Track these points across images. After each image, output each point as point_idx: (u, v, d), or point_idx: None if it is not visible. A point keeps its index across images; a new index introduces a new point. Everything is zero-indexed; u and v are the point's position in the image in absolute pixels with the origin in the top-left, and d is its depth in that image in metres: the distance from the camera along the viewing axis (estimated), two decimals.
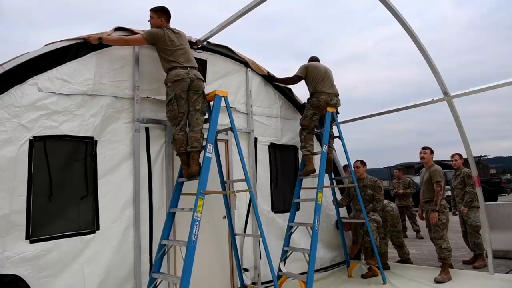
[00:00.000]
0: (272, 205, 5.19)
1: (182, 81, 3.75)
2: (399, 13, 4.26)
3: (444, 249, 5.01)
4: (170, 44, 3.84)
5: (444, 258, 5.01)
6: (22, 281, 3.03)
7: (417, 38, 4.51)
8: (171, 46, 3.85)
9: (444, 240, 5.07)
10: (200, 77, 3.90)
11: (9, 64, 3.21)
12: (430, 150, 5.50)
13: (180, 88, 3.76)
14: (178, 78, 3.75)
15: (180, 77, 3.76)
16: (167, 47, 3.84)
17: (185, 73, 3.78)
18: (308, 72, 5.15)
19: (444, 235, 5.09)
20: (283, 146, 5.50)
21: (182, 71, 3.79)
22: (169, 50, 3.85)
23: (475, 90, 4.83)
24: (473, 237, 5.72)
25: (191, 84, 3.81)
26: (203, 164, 3.64)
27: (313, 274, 4.38)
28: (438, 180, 5.13)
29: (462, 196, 5.92)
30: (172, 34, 3.92)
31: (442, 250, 5.02)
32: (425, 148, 5.53)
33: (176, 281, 3.33)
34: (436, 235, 5.16)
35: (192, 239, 3.35)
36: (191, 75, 3.81)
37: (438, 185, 5.11)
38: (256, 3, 3.89)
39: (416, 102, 5.52)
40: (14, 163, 3.14)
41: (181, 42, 3.94)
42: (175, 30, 4.01)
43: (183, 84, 3.76)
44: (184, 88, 3.77)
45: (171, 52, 3.84)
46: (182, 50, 3.89)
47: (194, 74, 3.85)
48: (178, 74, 3.77)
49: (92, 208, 3.54)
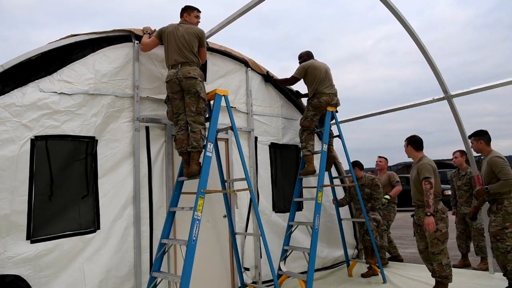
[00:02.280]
0: (273, 204, 5.20)
1: (170, 83, 3.75)
2: (400, 12, 4.26)
3: (445, 265, 4.04)
4: (167, 41, 3.85)
5: (446, 277, 4.05)
6: (23, 281, 3.04)
7: (418, 37, 4.51)
8: (167, 43, 3.85)
9: (444, 255, 4.06)
10: (190, 75, 3.67)
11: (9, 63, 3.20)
12: (406, 142, 4.44)
13: (170, 90, 3.78)
14: (167, 80, 3.78)
15: (168, 78, 3.77)
16: (164, 45, 3.89)
17: (173, 73, 3.73)
18: (308, 73, 5.07)
19: (444, 249, 4.06)
20: (283, 146, 5.50)
21: (171, 71, 3.78)
22: (164, 48, 3.89)
23: (475, 89, 4.83)
24: (478, 240, 5.50)
25: (181, 84, 3.71)
26: (203, 163, 3.65)
27: (313, 273, 4.39)
28: (426, 176, 4.08)
29: (467, 198, 5.62)
30: (169, 27, 3.88)
31: (443, 267, 4.04)
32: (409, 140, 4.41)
33: (176, 280, 3.33)
34: (435, 249, 4.06)
35: (193, 238, 3.35)
36: (179, 75, 3.69)
37: (427, 181, 4.05)
38: (256, 2, 3.89)
39: (416, 101, 5.52)
40: (15, 163, 3.14)
41: (173, 35, 3.80)
42: (183, 25, 3.92)
43: (173, 86, 3.74)
44: (174, 89, 3.74)
45: (166, 50, 3.87)
46: (175, 46, 3.78)
47: (183, 74, 3.68)
48: (168, 75, 3.80)
49: (92, 207, 3.54)
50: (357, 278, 5.32)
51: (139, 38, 4.01)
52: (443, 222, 4.07)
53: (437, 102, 5.21)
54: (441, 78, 4.86)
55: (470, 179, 5.55)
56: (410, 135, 4.44)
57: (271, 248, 4.26)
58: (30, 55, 3.30)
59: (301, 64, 5.22)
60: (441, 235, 4.04)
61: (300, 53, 5.43)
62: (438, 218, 4.05)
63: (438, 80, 4.89)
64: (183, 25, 3.92)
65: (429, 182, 4.04)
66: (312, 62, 5.18)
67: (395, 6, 4.18)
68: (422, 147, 4.36)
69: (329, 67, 5.24)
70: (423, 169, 4.14)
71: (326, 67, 5.20)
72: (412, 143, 4.36)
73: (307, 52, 5.38)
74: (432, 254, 4.11)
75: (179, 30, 3.84)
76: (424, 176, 4.09)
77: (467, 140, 5.03)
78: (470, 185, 5.57)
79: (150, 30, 4.07)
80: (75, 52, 3.59)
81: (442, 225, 4.05)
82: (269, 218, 5.05)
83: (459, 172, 5.84)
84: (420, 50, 4.64)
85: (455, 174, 5.95)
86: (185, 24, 3.93)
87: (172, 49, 3.79)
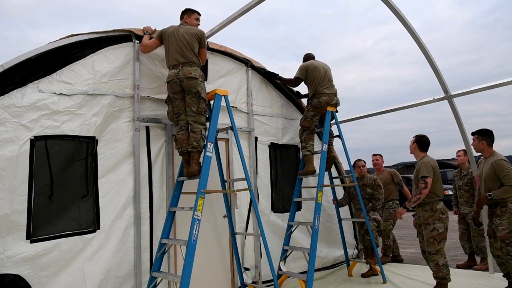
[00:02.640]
0: (272, 204, 5.20)
1: (171, 83, 3.76)
2: (400, 12, 4.25)
3: (441, 266, 4.05)
4: (167, 42, 3.86)
5: (443, 277, 4.07)
6: (23, 281, 3.04)
7: (418, 36, 4.51)
8: (167, 44, 3.86)
9: (441, 255, 4.06)
10: (191, 76, 3.70)
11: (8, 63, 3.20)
12: (413, 139, 4.48)
13: (171, 90, 3.79)
14: (169, 80, 3.78)
15: (169, 78, 3.78)
16: (165, 46, 3.90)
17: (174, 74, 3.74)
18: (308, 73, 5.08)
19: (441, 249, 4.06)
20: (283, 146, 5.50)
21: (172, 72, 3.78)
22: (165, 48, 3.90)
23: (476, 89, 4.82)
24: (477, 240, 5.46)
25: (182, 84, 3.73)
26: (203, 163, 3.65)
27: (313, 273, 4.39)
28: (423, 175, 4.08)
29: (467, 198, 5.59)
30: (170, 28, 3.90)
31: (440, 268, 4.06)
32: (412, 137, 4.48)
33: (176, 280, 3.33)
34: (431, 249, 4.07)
35: (192, 238, 3.35)
36: (180, 76, 3.71)
37: (422, 180, 4.06)
38: (256, 2, 3.89)
39: (416, 101, 5.51)
40: (15, 163, 3.14)
41: (176, 36, 3.81)
42: (184, 26, 3.94)
43: (173, 86, 3.75)
44: (175, 89, 3.76)
45: (167, 50, 3.87)
46: (176, 47, 3.79)
47: (184, 74, 3.70)
48: (168, 75, 3.81)
49: (92, 207, 3.54)
50: (357, 278, 5.32)
51: (139, 38, 4.01)
52: (441, 222, 4.06)
53: (437, 102, 5.21)
54: (442, 78, 4.85)
55: (471, 179, 5.53)
56: (420, 134, 4.45)
57: (271, 248, 4.25)
58: (30, 55, 3.30)
59: (301, 65, 5.23)
60: (437, 234, 4.04)
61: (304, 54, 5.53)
62: (436, 217, 4.07)
63: (438, 80, 4.88)
64: (184, 26, 3.93)
65: (424, 181, 4.04)
66: (312, 62, 5.19)
67: (396, 6, 4.18)
68: (427, 149, 4.40)
69: (329, 67, 5.24)
70: (422, 167, 4.15)
71: (326, 67, 5.20)
72: (418, 142, 4.38)
73: (308, 54, 5.45)
74: (429, 254, 4.12)
75: (179, 31, 3.85)
76: (422, 175, 4.10)
77: (467, 140, 5.02)
78: (471, 185, 5.55)
79: (151, 30, 4.07)
80: (75, 52, 3.59)
81: (439, 225, 4.05)
82: (268, 218, 5.05)
83: (461, 171, 5.81)
84: (421, 49, 4.63)
85: (457, 173, 5.93)
86: (185, 26, 3.94)
87: (173, 50, 3.80)
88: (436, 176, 4.14)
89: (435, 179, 4.13)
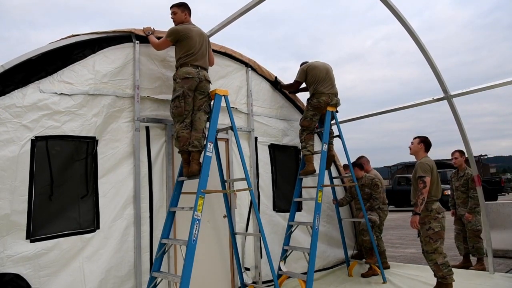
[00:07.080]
0: (273, 204, 5.20)
1: (191, 80, 3.78)
2: (400, 12, 4.26)
3: (441, 265, 4.05)
4: (189, 41, 3.86)
5: (443, 277, 4.06)
6: (23, 280, 3.04)
7: (418, 37, 4.51)
8: (189, 43, 3.86)
9: (439, 254, 4.06)
10: (208, 79, 3.93)
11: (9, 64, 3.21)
12: (419, 139, 4.47)
13: (188, 87, 3.78)
14: (188, 76, 3.77)
15: (190, 75, 3.78)
16: (185, 44, 3.86)
17: (195, 72, 3.81)
18: (308, 74, 5.11)
19: (438, 248, 4.06)
20: (284, 147, 5.51)
21: (192, 69, 3.81)
22: (186, 47, 3.86)
23: (475, 89, 4.83)
24: (473, 241, 5.47)
25: (199, 84, 3.83)
26: (203, 163, 3.65)
27: (313, 273, 4.39)
28: (420, 175, 4.12)
29: (464, 199, 5.62)
30: (194, 31, 3.93)
31: (439, 267, 4.06)
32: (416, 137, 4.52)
33: (176, 280, 3.34)
34: (428, 248, 4.10)
35: (192, 238, 3.36)
36: (201, 76, 3.84)
37: (421, 180, 4.08)
38: (256, 3, 3.90)
39: (416, 101, 5.52)
40: (15, 163, 3.14)
41: (200, 40, 3.94)
42: (196, 27, 4.00)
43: (192, 83, 3.78)
44: (192, 87, 3.79)
45: (187, 49, 3.85)
46: (198, 49, 3.89)
47: (204, 75, 3.87)
48: (188, 72, 3.79)
49: (92, 207, 3.55)
50: (357, 278, 5.32)
51: (140, 38, 4.02)
52: (437, 222, 4.09)
53: (437, 102, 5.22)
54: (441, 78, 4.86)
55: (467, 180, 5.52)
56: (424, 135, 4.50)
57: (272, 248, 4.26)
58: (31, 55, 3.31)
59: (300, 67, 5.25)
60: (433, 234, 4.06)
61: None
62: (432, 217, 4.09)
63: (438, 80, 4.89)
64: (198, 29, 4.01)
65: (422, 181, 4.07)
66: (312, 62, 5.23)
67: (395, 6, 4.19)
68: (429, 150, 4.47)
69: (331, 67, 5.24)
70: (419, 167, 4.19)
71: (328, 67, 5.20)
72: (425, 143, 4.41)
73: (306, 62, 5.40)
74: (426, 253, 4.15)
75: (203, 36, 4.02)
76: (419, 175, 4.14)
77: (467, 140, 5.04)
78: (467, 186, 5.55)
79: (151, 31, 4.07)
80: (75, 52, 3.59)
81: (435, 224, 4.08)
82: (270, 218, 5.06)
83: (458, 172, 5.80)
84: (420, 50, 4.64)
85: (454, 174, 5.93)
86: (196, 27, 4.01)
87: (200, 54, 3.91)
88: (434, 176, 4.16)
89: (433, 179, 4.14)
